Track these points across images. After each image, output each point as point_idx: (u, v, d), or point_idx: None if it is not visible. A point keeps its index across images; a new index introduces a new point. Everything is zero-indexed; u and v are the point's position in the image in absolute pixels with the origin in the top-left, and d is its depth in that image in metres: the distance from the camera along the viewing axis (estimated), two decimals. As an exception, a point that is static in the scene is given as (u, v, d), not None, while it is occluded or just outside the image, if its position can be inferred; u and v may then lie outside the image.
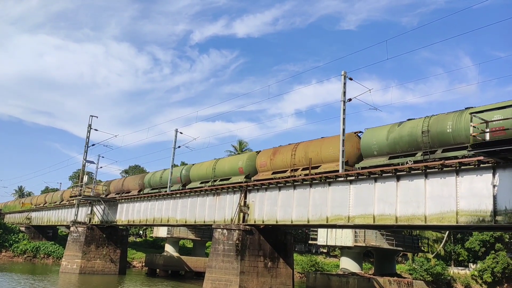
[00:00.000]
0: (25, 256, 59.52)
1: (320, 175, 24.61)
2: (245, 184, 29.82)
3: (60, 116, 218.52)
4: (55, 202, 66.84)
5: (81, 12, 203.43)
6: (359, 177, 22.43)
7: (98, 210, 47.52)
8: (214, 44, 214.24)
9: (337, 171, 24.62)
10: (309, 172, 26.43)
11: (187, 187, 38.47)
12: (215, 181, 35.60)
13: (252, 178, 31.69)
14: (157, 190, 42.77)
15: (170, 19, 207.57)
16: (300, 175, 26.95)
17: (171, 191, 38.66)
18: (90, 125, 52.69)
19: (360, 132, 26.51)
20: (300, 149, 28.27)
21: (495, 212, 17.09)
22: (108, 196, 50.25)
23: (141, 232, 79.39)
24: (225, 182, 33.85)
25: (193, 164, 40.35)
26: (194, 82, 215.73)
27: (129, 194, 47.67)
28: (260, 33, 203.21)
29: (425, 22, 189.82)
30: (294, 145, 29.07)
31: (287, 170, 28.84)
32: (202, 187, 35.24)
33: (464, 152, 19.34)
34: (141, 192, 45.37)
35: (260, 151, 33.18)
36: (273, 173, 29.83)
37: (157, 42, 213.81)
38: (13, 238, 62.18)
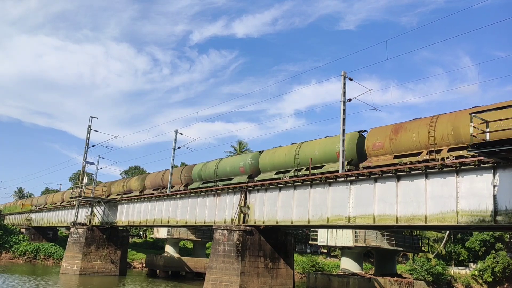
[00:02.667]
0: (25, 257, 59.52)
1: (320, 175, 24.62)
2: (246, 184, 29.82)
3: (59, 117, 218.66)
4: (55, 203, 66.83)
5: (81, 12, 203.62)
6: (359, 177, 22.43)
7: (98, 211, 47.52)
8: (214, 45, 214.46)
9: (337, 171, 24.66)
10: (309, 172, 26.44)
11: (256, 178, 31.36)
12: (297, 170, 28.45)
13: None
14: (211, 184, 35.40)
15: (169, 20, 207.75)
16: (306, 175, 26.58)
17: (172, 191, 38.46)
18: (90, 126, 52.73)
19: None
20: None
21: (495, 212, 17.09)
22: (144, 192, 45.34)
23: (141, 233, 79.40)
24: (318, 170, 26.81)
25: (262, 151, 32.87)
26: (194, 82, 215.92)
27: (173, 190, 39.83)
28: (259, 33, 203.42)
29: (425, 22, 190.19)
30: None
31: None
32: (279, 178, 28.79)
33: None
34: (188, 187, 38.26)
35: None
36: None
37: (156, 42, 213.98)
38: (13, 240, 62.19)
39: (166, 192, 39.45)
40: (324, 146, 27.00)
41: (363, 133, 26.42)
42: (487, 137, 15.66)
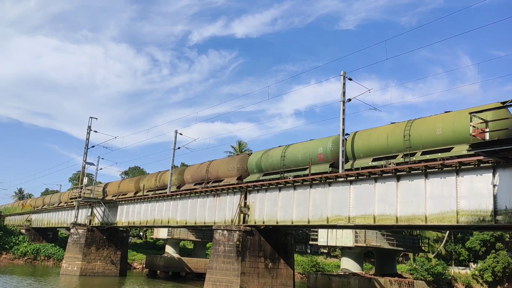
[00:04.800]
0: (25, 258, 59.52)
1: (320, 175, 24.61)
2: (245, 184, 29.81)
3: (59, 117, 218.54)
4: (53, 204, 66.84)
5: (79, 13, 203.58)
6: (359, 177, 22.43)
7: (98, 211, 47.52)
8: (213, 45, 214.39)
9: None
10: (309, 172, 26.44)
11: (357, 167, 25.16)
12: (409, 155, 23.02)
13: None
14: (276, 177, 29.79)
15: (168, 20, 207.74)
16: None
17: (171, 192, 38.16)
18: (89, 127, 52.72)
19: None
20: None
21: (495, 212, 17.09)
22: (183, 187, 40.17)
23: (141, 233, 79.40)
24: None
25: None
26: (193, 82, 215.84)
27: (224, 184, 33.95)
28: (258, 33, 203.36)
29: (424, 21, 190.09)
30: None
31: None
32: (377, 167, 23.82)
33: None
34: (244, 181, 32.55)
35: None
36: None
37: (155, 43, 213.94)
38: (14, 240, 62.19)
39: (212, 186, 34.19)
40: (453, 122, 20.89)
41: None
42: (487, 136, 15.67)
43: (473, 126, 16.27)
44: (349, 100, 26.23)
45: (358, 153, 24.87)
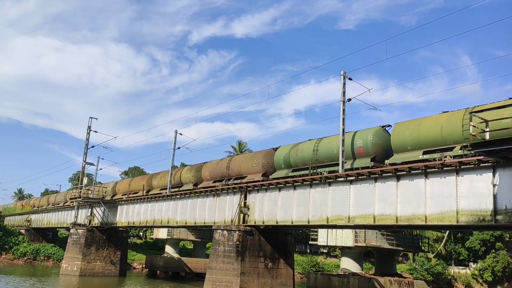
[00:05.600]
0: (25, 258, 59.50)
1: (320, 175, 24.60)
2: (245, 184, 29.78)
3: (58, 118, 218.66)
4: (58, 203, 66.69)
5: (79, 13, 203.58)
6: (359, 177, 22.42)
7: (98, 212, 47.50)
8: (213, 45, 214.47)
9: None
10: (309, 172, 26.43)
11: (388, 161, 23.39)
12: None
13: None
14: (305, 173, 27.24)
15: (168, 20, 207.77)
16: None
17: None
18: (89, 127, 52.71)
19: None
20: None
21: (495, 212, 17.09)
22: (200, 185, 37.29)
23: (141, 233, 79.39)
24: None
25: (387, 125, 25.28)
26: (193, 83, 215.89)
27: (248, 181, 31.31)
28: (258, 33, 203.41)
29: (424, 21, 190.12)
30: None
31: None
32: (430, 160, 21.30)
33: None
34: (270, 177, 30.20)
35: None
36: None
37: (155, 43, 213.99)
38: (13, 241, 62.17)
39: (233, 184, 32.12)
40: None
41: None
42: (487, 136, 15.67)
43: (473, 126, 16.24)
44: (349, 100, 26.21)
45: (405, 145, 22.33)
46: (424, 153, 21.34)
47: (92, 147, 53.59)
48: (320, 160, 26.53)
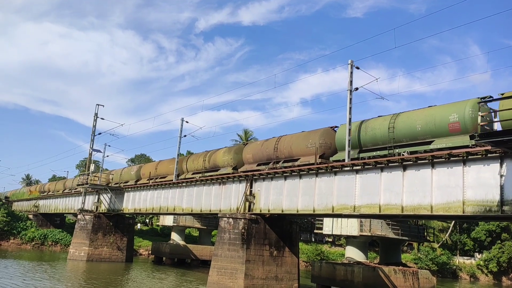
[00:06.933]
0: (33, 243, 60.28)
1: (326, 165, 24.57)
2: (251, 173, 29.83)
3: (65, 104, 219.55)
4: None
5: (85, 0, 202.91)
6: (365, 166, 22.39)
7: (105, 198, 47.91)
8: (219, 32, 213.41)
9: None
10: (315, 161, 26.40)
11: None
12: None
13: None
14: (379, 154, 23.61)
15: (174, 7, 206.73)
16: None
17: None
18: (96, 114, 52.92)
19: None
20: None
21: (502, 202, 17.02)
22: (241, 170, 33.18)
23: (147, 220, 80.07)
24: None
25: (487, 97, 19.19)
26: (199, 70, 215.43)
27: (301, 164, 27.51)
28: (265, 21, 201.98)
29: (433, 9, 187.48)
30: None
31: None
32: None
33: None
34: (331, 159, 26.47)
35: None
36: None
37: (162, 30, 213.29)
38: (21, 226, 62.96)
39: (284, 167, 28.69)
40: None
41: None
42: (495, 126, 15.54)
43: (481, 116, 16.11)
44: (356, 89, 26.03)
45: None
46: None
47: (99, 134, 53.91)
48: (398, 139, 22.66)
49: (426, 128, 21.20)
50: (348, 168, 23.39)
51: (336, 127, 27.93)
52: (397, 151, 22.50)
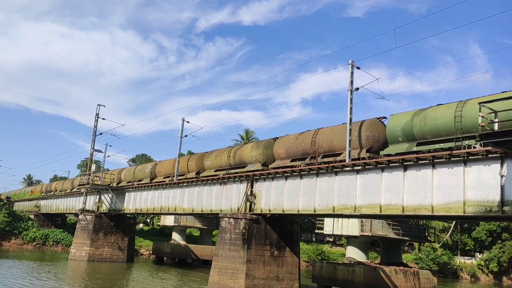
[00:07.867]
0: (34, 243, 60.35)
1: (326, 165, 24.60)
2: (252, 173, 29.88)
3: (65, 104, 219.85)
4: (65, 190, 67.29)
5: (86, 0, 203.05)
6: (366, 166, 22.42)
7: (106, 198, 47.97)
8: (220, 32, 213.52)
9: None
10: (316, 161, 26.43)
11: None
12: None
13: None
14: (450, 145, 20.03)
15: (175, 7, 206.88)
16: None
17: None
18: (97, 114, 52.96)
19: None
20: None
21: (502, 202, 17.05)
22: (272, 166, 30.87)
23: (148, 220, 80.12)
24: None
25: None
26: (200, 70, 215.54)
27: (339, 158, 25.71)
28: (266, 20, 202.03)
29: (434, 9, 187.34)
30: None
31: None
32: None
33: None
34: (382, 153, 23.57)
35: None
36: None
37: (162, 30, 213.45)
38: (23, 226, 63.04)
39: (319, 163, 26.57)
40: None
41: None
42: (496, 127, 15.57)
43: (482, 117, 16.12)
44: (357, 89, 26.05)
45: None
46: None
47: (100, 134, 53.94)
48: (467, 130, 19.49)
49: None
50: (348, 168, 23.43)
51: (384, 117, 25.60)
52: (466, 142, 19.43)
